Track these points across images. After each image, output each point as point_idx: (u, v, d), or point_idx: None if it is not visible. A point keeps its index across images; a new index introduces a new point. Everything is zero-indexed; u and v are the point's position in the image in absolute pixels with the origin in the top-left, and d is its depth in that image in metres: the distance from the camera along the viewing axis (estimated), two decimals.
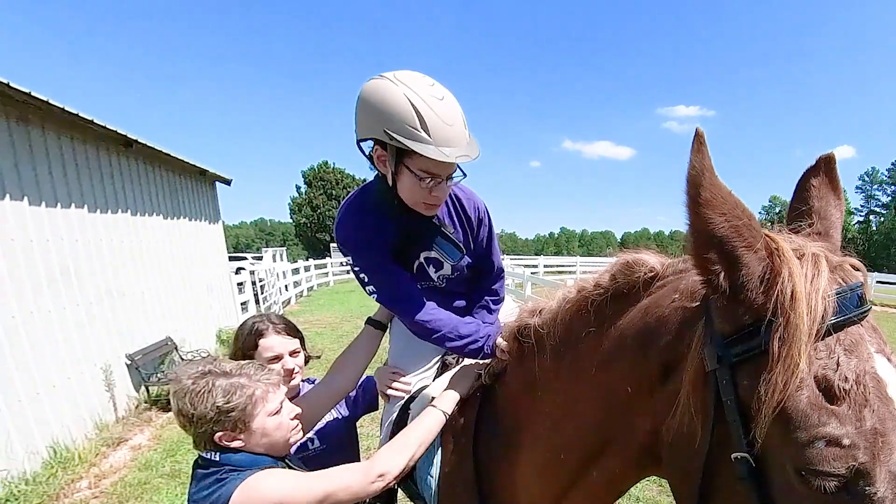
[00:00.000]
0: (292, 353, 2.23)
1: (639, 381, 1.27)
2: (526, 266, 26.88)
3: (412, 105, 1.60)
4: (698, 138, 0.96)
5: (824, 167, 1.19)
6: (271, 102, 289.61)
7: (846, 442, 0.85)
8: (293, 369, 2.19)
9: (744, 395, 0.97)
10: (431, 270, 2.16)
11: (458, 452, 1.85)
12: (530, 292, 11.43)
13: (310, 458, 2.20)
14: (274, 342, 2.17)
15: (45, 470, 5.54)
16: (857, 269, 1.02)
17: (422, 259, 2.12)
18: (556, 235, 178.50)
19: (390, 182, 1.81)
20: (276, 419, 1.67)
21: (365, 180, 2.13)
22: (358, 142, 1.79)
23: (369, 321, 2.24)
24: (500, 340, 1.88)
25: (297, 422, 1.77)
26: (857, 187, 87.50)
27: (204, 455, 1.59)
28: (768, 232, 1.03)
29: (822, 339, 0.92)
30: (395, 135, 1.62)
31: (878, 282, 21.20)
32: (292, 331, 2.27)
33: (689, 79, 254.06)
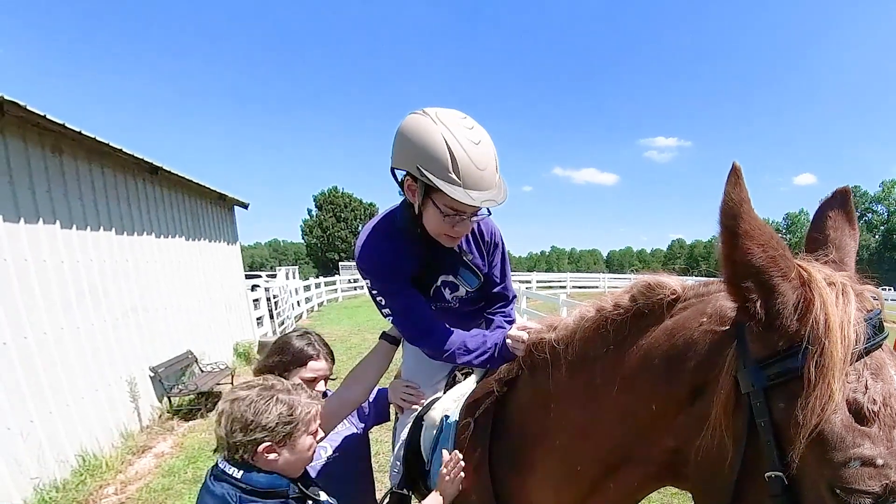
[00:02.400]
0: (327, 378, 2.25)
1: (665, 401, 1.22)
2: (521, 281, 27.11)
3: (448, 146, 1.55)
4: (735, 172, 0.93)
5: (840, 199, 1.18)
6: (286, 132, 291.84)
7: (880, 462, 0.85)
8: (325, 392, 2.18)
9: (778, 418, 0.95)
10: (447, 293, 2.12)
11: (474, 458, 1.79)
12: (525, 305, 11.44)
13: (324, 465, 2.13)
14: (322, 366, 2.18)
15: (75, 477, 5.47)
16: (876, 298, 1.02)
17: (439, 283, 2.08)
18: (548, 253, 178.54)
19: (416, 211, 1.77)
20: (311, 440, 1.67)
21: (373, 204, 2.11)
22: (392, 168, 1.75)
23: (384, 336, 2.18)
24: (513, 332, 1.83)
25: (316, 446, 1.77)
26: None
27: (226, 470, 1.55)
28: (800, 262, 1.01)
29: (852, 364, 0.91)
30: (426, 172, 1.58)
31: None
32: (331, 353, 2.28)
33: (668, 112, 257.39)
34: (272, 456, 1.57)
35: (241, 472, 1.54)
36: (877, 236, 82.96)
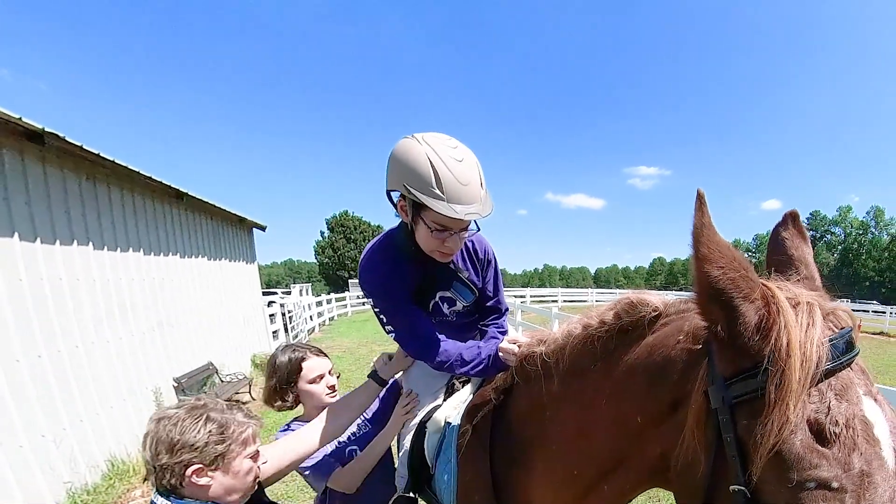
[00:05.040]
0: (330, 372, 2.19)
1: (649, 412, 1.20)
2: (515, 297, 27.22)
3: (431, 164, 1.55)
4: (699, 199, 0.93)
5: (791, 221, 1.17)
6: (301, 162, 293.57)
7: (835, 485, 0.81)
8: (334, 385, 2.13)
9: (742, 434, 0.92)
10: (445, 307, 2.11)
11: (476, 462, 1.76)
12: (520, 318, 11.41)
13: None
14: (316, 363, 2.14)
15: (104, 481, 5.38)
16: (847, 316, 0.97)
17: (437, 298, 2.07)
18: (540, 270, 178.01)
19: (410, 229, 1.77)
20: (251, 464, 1.49)
21: (380, 226, 2.11)
22: (387, 191, 1.74)
23: (372, 376, 2.15)
24: (504, 344, 1.82)
25: (260, 471, 1.57)
26: None
27: (155, 501, 1.35)
28: (766, 281, 0.98)
29: (815, 385, 0.87)
30: (412, 189, 1.58)
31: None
32: (323, 353, 2.22)
33: (649, 144, 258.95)
34: (204, 480, 1.37)
35: (171, 500, 1.33)
36: (835, 255, 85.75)
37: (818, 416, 0.85)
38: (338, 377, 2.33)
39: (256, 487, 1.58)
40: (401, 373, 2.34)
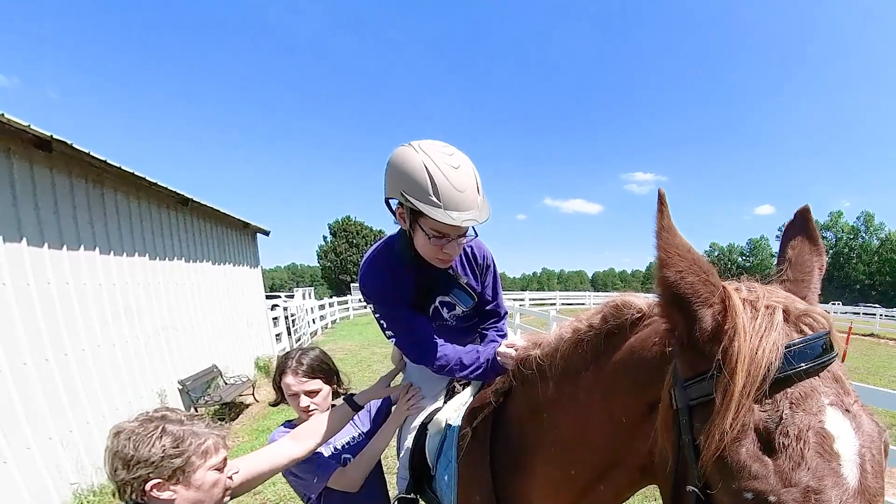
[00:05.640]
0: (308, 393, 2.09)
1: (633, 412, 1.19)
2: (514, 300, 27.16)
3: (427, 171, 1.53)
4: (660, 200, 0.91)
5: (800, 220, 1.12)
6: (304, 168, 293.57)
7: (772, 499, 0.75)
8: (307, 407, 2.06)
9: (696, 436, 0.89)
10: (445, 312, 2.09)
11: (476, 464, 1.75)
12: (519, 321, 11.38)
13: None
14: (289, 381, 2.07)
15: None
16: (821, 317, 0.89)
17: (437, 303, 2.05)
18: (539, 274, 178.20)
19: (408, 236, 1.76)
20: (216, 475, 1.42)
21: (382, 231, 2.09)
22: (386, 199, 1.72)
23: (348, 400, 2.10)
24: (501, 349, 1.83)
25: (231, 482, 1.50)
26: (776, 236, 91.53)
27: None
28: (728, 284, 0.94)
29: (769, 393, 0.81)
30: (409, 197, 1.56)
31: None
32: (314, 372, 2.12)
33: (646, 151, 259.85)
34: (166, 494, 1.31)
35: None
36: (826, 259, 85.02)
37: (768, 426, 0.79)
38: (346, 392, 2.27)
39: (228, 498, 1.52)
40: (400, 374, 2.35)
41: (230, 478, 1.50)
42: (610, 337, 1.33)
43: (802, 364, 0.82)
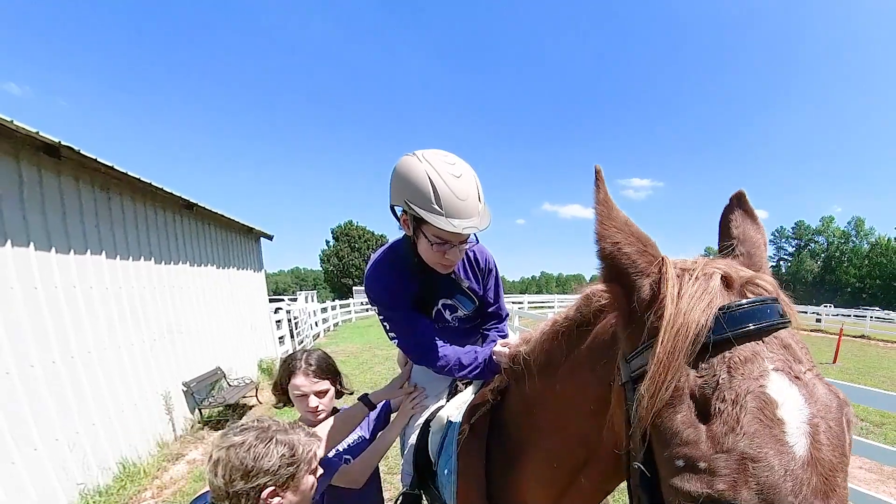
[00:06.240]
0: (317, 394, 2.09)
1: (596, 397, 1.17)
2: (513, 303, 27.08)
3: (430, 181, 1.56)
4: (597, 175, 0.91)
5: (737, 202, 1.12)
6: (307, 173, 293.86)
7: (702, 465, 0.69)
8: (316, 407, 2.07)
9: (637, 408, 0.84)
10: (447, 314, 2.11)
11: (473, 459, 1.76)
12: (518, 323, 11.39)
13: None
14: (300, 382, 2.07)
15: (116, 483, 5.35)
16: (768, 283, 0.86)
17: (440, 306, 2.08)
18: (538, 277, 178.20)
19: (413, 242, 1.78)
20: (313, 480, 1.49)
21: (384, 236, 2.12)
22: (391, 206, 1.76)
23: (363, 399, 2.13)
24: (497, 348, 1.84)
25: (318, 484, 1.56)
26: (770, 240, 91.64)
27: None
28: (666, 256, 0.92)
29: (707, 357, 0.76)
30: (412, 205, 1.59)
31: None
32: (323, 373, 2.13)
33: (643, 157, 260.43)
34: (276, 500, 1.36)
35: None
36: (818, 262, 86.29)
37: (704, 391, 0.74)
38: (350, 394, 2.28)
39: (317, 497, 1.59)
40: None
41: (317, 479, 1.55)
42: (581, 327, 1.33)
43: (742, 328, 0.77)
